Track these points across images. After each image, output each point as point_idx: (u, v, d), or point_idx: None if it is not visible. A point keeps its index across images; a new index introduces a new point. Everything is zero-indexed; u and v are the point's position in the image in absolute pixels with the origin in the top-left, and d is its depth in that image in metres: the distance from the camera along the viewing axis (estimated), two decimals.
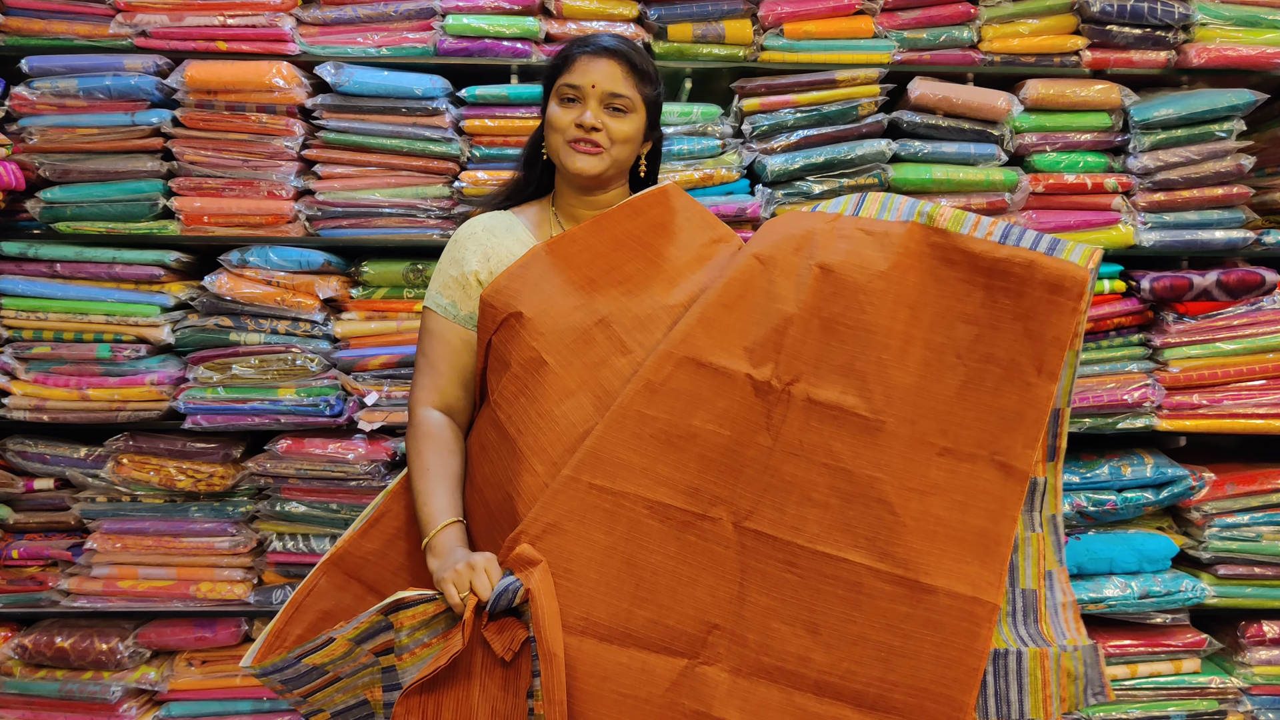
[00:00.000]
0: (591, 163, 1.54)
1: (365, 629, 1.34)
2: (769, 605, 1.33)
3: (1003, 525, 1.32)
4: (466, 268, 1.55)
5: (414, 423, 1.55)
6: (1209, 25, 2.36)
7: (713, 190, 2.34)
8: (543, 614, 1.25)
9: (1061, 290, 1.31)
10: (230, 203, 2.27)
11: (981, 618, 1.28)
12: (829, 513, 1.33)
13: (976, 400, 1.34)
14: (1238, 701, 2.40)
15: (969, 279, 1.37)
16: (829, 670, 1.29)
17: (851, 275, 1.37)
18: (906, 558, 1.30)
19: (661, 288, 1.51)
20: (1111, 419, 2.35)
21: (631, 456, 1.35)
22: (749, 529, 1.35)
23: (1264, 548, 2.35)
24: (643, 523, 1.34)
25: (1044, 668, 1.38)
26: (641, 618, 1.31)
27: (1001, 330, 1.34)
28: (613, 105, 1.53)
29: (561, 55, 1.57)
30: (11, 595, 2.33)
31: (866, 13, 2.38)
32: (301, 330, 2.30)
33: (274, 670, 1.40)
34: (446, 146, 2.30)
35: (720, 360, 1.37)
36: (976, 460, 1.33)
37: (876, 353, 1.35)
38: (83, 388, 2.26)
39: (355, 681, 1.42)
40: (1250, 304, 2.34)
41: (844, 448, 1.33)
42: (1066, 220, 2.36)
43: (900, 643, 1.28)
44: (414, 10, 2.32)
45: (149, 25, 2.26)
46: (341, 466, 2.28)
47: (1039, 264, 1.32)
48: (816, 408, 1.35)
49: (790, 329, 1.37)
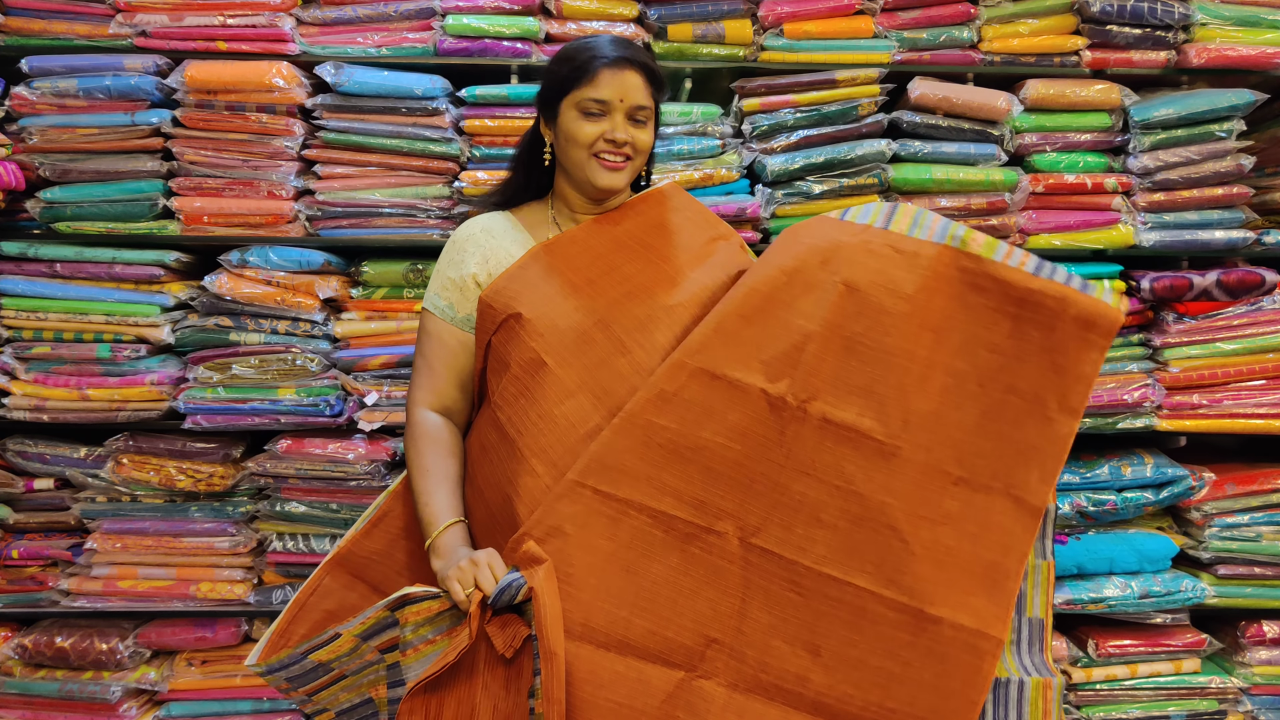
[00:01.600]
0: (620, 177, 1.53)
1: (371, 624, 1.34)
2: (770, 623, 1.31)
3: (1012, 559, 1.29)
4: (465, 270, 1.54)
5: (412, 424, 1.55)
6: (1209, 25, 2.36)
7: (713, 190, 2.34)
8: (545, 612, 1.25)
9: (1094, 328, 1.29)
10: (230, 203, 2.27)
11: (985, 651, 1.26)
12: (837, 535, 1.31)
13: (995, 431, 1.32)
14: (1238, 701, 2.40)
15: (998, 307, 1.34)
16: (827, 692, 1.28)
17: (877, 295, 1.34)
18: (913, 586, 1.28)
19: (662, 288, 1.51)
20: (1111, 419, 2.35)
21: (638, 464, 1.34)
22: (755, 545, 1.33)
23: (1264, 548, 2.35)
24: (646, 532, 1.33)
25: (1045, 698, 1.38)
26: (640, 627, 1.31)
27: (1027, 363, 1.31)
28: (636, 118, 1.51)
29: (577, 66, 1.50)
30: (11, 595, 2.33)
31: (866, 13, 2.38)
32: (301, 330, 2.30)
33: (280, 668, 1.40)
34: (446, 146, 2.30)
35: (735, 373, 1.35)
36: (991, 492, 1.31)
37: (897, 376, 1.32)
38: (83, 388, 2.26)
39: (360, 679, 1.42)
40: (1250, 304, 2.34)
41: (857, 470, 1.31)
42: (1066, 220, 2.36)
43: (901, 670, 1.27)
44: (414, 10, 2.32)
45: (149, 25, 2.26)
46: (341, 466, 2.28)
47: (1072, 299, 1.30)
48: (831, 428, 1.32)
49: (809, 345, 1.35)
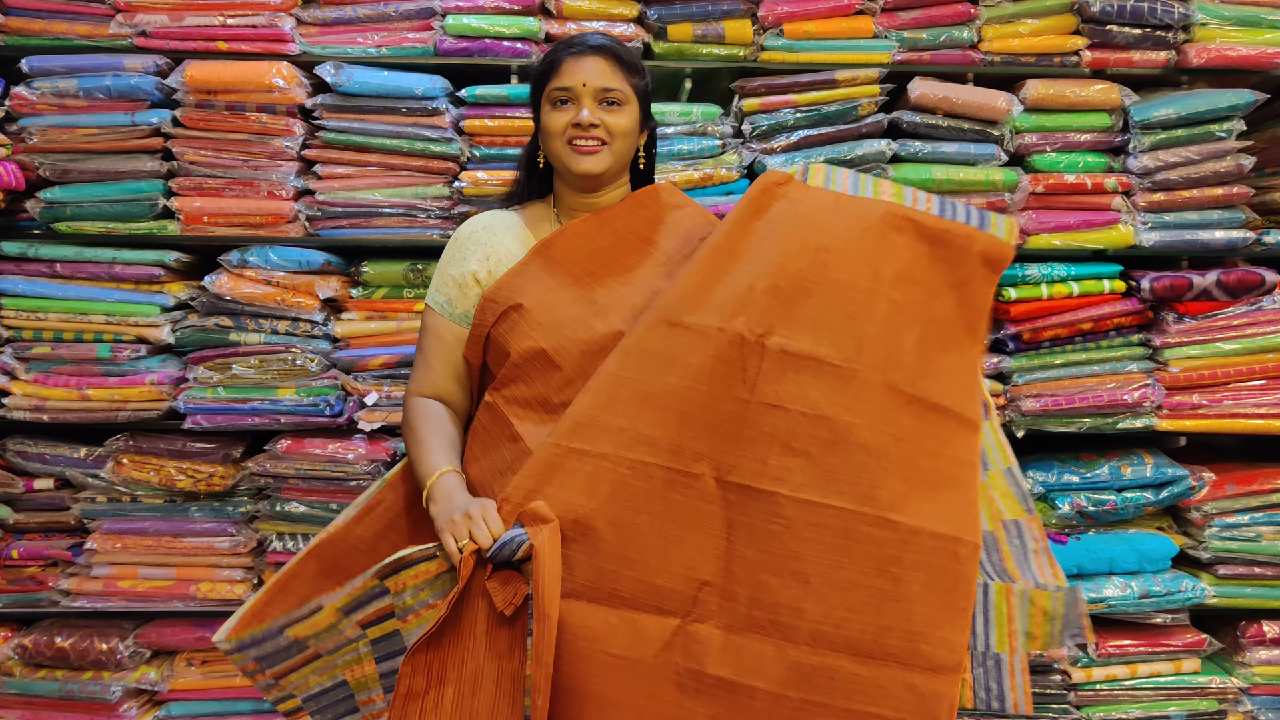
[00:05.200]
0: (595, 161, 1.53)
1: (358, 596, 1.32)
2: (757, 558, 1.32)
3: (966, 472, 1.37)
4: (466, 267, 1.56)
5: (407, 409, 1.58)
6: (1209, 25, 2.36)
7: (713, 190, 2.34)
8: (544, 572, 1.26)
9: (992, 263, 1.42)
10: (230, 203, 2.27)
11: (965, 557, 1.30)
12: (811, 461, 1.32)
13: (930, 356, 1.39)
14: (1238, 701, 2.40)
15: (913, 245, 1.42)
16: (822, 620, 1.28)
17: (813, 237, 1.41)
18: (890, 501, 1.30)
19: (660, 279, 1.52)
20: (1111, 419, 2.35)
21: (610, 419, 1.35)
22: (732, 483, 1.34)
23: (1264, 548, 2.35)
24: (625, 483, 1.34)
25: (1009, 603, 1.40)
26: (629, 578, 1.31)
27: (940, 295, 1.42)
28: (606, 100, 1.53)
29: (547, 61, 1.56)
30: (11, 595, 2.33)
31: (866, 13, 2.37)
32: (301, 330, 2.30)
33: (251, 644, 1.37)
34: (446, 146, 2.30)
35: (691, 318, 1.38)
36: (938, 410, 1.37)
37: (843, 306, 1.37)
38: (83, 388, 2.26)
39: (334, 660, 1.39)
40: (1250, 304, 2.34)
41: (821, 396, 1.34)
42: (1066, 220, 2.36)
43: (892, 586, 1.28)
44: (414, 10, 2.32)
45: (149, 25, 2.26)
46: (341, 466, 2.28)
47: (976, 237, 1.42)
48: (791, 358, 1.35)
49: (758, 285, 1.39)
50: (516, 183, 1.72)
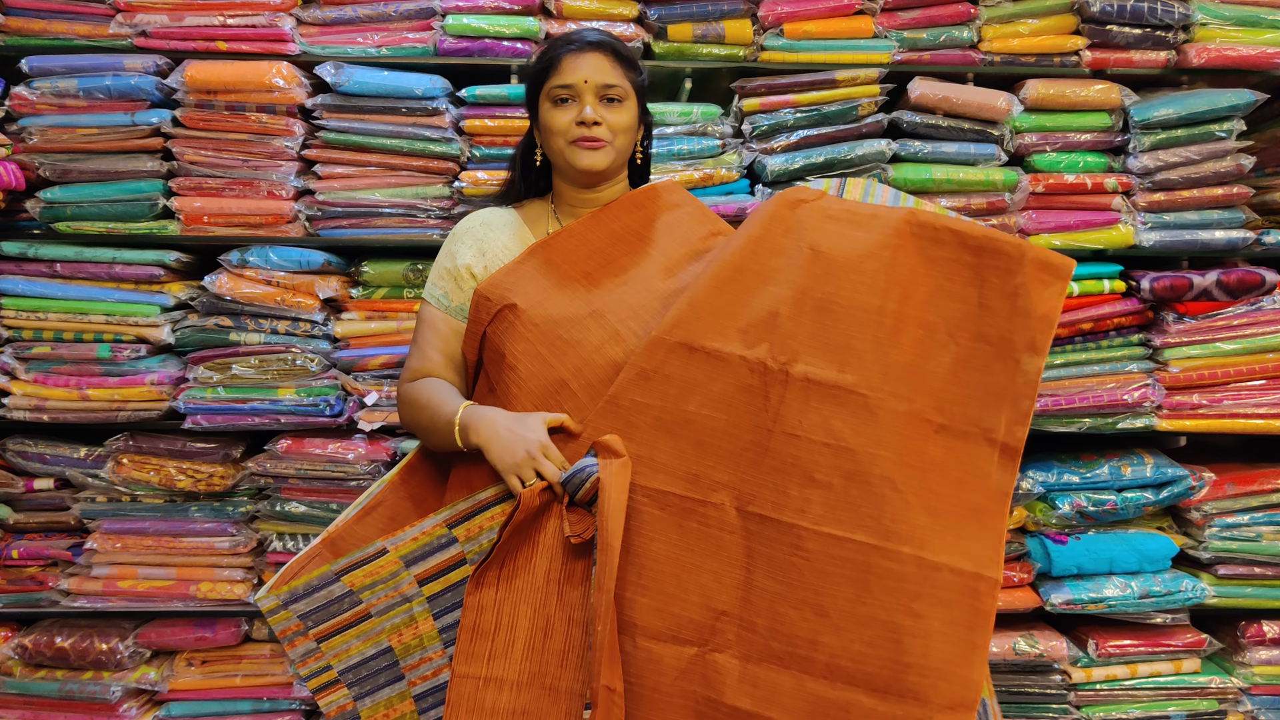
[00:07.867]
0: (598, 158, 1.53)
1: (424, 543, 1.29)
2: (776, 590, 1.31)
3: (995, 501, 1.31)
4: (460, 261, 1.57)
5: (402, 391, 1.58)
6: (1209, 25, 2.36)
7: (713, 190, 2.34)
8: (610, 504, 1.28)
9: (1052, 269, 1.33)
10: (230, 203, 2.27)
11: (984, 593, 1.27)
12: (833, 493, 1.31)
13: (968, 378, 1.34)
14: (1238, 701, 2.40)
15: (957, 258, 1.37)
16: (840, 654, 1.28)
17: (843, 256, 1.38)
18: (912, 535, 1.28)
19: (658, 278, 1.52)
20: (1111, 419, 2.35)
21: (627, 446, 1.35)
22: (753, 513, 1.33)
23: (1264, 548, 2.35)
24: (642, 511, 1.34)
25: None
26: (645, 606, 1.32)
27: (990, 309, 1.35)
28: (607, 96, 1.53)
29: (545, 58, 1.54)
30: (11, 595, 2.33)
31: (866, 13, 2.37)
32: (301, 330, 2.30)
33: (299, 597, 1.31)
34: (446, 146, 2.30)
35: (713, 344, 1.37)
36: (970, 438, 1.33)
37: (871, 331, 1.35)
38: (83, 388, 2.26)
39: (381, 624, 1.36)
40: (1250, 304, 2.34)
41: (844, 426, 1.32)
42: (1066, 220, 2.36)
43: (911, 622, 1.26)
44: (414, 10, 2.32)
45: (149, 25, 2.26)
46: (341, 466, 2.28)
47: (1028, 246, 1.35)
48: (815, 387, 1.33)
49: (783, 309, 1.37)
50: (509, 181, 1.71)
